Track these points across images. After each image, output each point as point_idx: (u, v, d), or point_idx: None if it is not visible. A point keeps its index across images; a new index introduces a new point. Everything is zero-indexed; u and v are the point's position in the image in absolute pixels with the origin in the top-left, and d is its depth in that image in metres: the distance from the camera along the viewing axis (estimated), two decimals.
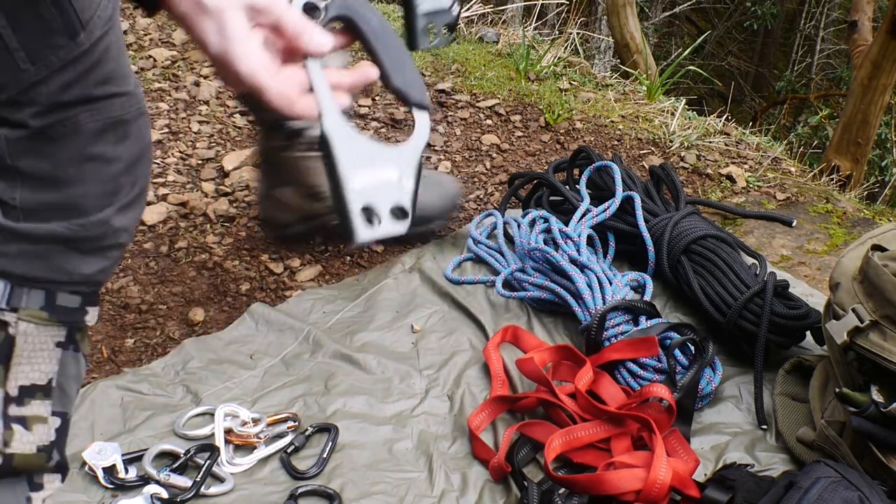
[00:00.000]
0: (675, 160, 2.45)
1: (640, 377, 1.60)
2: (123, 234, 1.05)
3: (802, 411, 1.56)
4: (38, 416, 1.04)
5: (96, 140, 0.99)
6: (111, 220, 1.02)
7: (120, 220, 1.03)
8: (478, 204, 2.26)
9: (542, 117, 2.61)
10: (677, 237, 1.83)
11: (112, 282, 1.93)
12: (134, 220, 1.07)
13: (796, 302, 1.69)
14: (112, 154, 1.00)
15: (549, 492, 1.38)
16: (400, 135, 2.53)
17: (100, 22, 0.97)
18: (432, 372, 1.69)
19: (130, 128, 1.02)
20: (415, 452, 1.53)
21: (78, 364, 1.06)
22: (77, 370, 1.06)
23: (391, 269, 1.96)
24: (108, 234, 1.02)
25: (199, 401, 1.61)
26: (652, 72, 4.70)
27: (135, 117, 1.03)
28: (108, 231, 1.02)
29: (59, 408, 1.05)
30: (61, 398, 1.05)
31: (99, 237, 1.02)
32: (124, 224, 1.04)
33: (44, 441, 1.04)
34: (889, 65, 4.37)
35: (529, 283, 1.84)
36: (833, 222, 2.20)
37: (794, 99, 8.87)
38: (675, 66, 3.26)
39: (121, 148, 1.01)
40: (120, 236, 1.04)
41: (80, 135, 0.97)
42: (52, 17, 0.92)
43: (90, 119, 0.98)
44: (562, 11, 5.91)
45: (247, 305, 1.87)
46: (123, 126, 1.01)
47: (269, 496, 1.43)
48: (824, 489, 1.24)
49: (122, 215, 1.04)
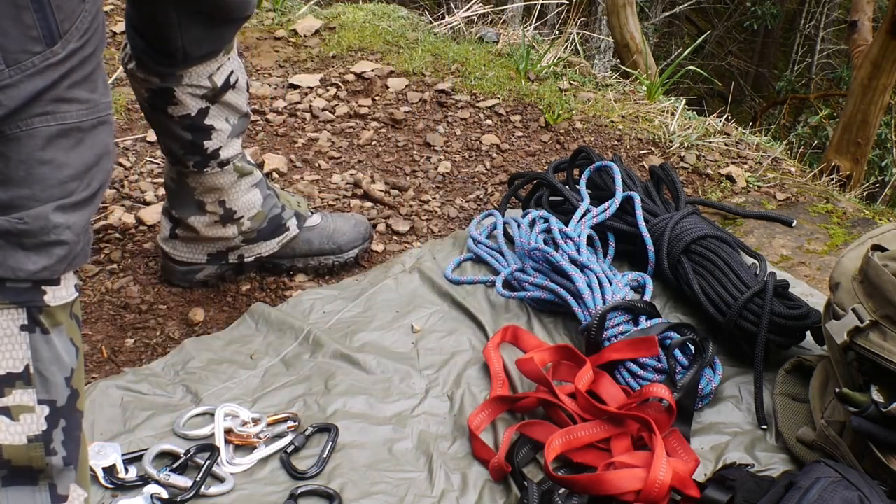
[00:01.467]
0: (675, 160, 2.45)
1: (640, 377, 1.60)
2: (66, 231, 1.04)
3: (802, 411, 1.56)
4: (22, 406, 1.04)
5: (49, 145, 0.99)
6: (50, 215, 1.01)
7: (61, 217, 1.03)
8: (478, 204, 2.26)
9: (542, 117, 2.61)
10: (677, 237, 1.83)
11: (112, 282, 1.93)
12: (82, 220, 1.06)
13: (796, 302, 1.69)
14: (64, 160, 1.01)
15: (549, 492, 1.38)
16: (399, 134, 2.53)
17: (77, 33, 0.98)
18: (432, 372, 1.69)
19: (86, 135, 1.03)
20: (415, 452, 1.53)
21: (52, 348, 1.05)
22: (52, 354, 1.05)
23: (391, 269, 1.96)
24: (48, 228, 1.02)
25: (199, 401, 1.61)
26: (652, 72, 4.70)
27: (93, 125, 1.03)
28: (48, 226, 1.01)
29: (45, 395, 1.05)
30: (45, 385, 1.05)
31: (38, 232, 1.01)
32: (67, 221, 1.03)
33: (34, 431, 1.04)
34: (889, 65, 4.36)
35: (529, 283, 1.84)
36: (833, 222, 2.20)
37: (794, 99, 8.87)
38: (675, 66, 3.26)
39: (73, 154, 1.02)
40: (62, 233, 1.03)
41: (35, 138, 0.98)
42: (33, 23, 0.94)
43: (46, 123, 0.98)
44: (562, 11, 5.91)
45: (247, 305, 1.87)
46: (79, 133, 1.02)
47: (269, 496, 1.43)
48: (824, 489, 1.24)
49: (65, 213, 1.03)
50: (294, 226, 1.91)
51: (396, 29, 3.10)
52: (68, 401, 1.08)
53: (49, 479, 1.08)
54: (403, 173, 2.37)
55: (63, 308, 1.07)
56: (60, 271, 1.05)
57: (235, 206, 1.82)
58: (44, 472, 1.07)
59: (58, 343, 1.06)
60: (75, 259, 1.07)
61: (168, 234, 1.87)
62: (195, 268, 1.89)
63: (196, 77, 1.67)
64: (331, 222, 1.96)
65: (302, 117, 2.59)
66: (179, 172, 1.79)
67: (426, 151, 2.46)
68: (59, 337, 1.06)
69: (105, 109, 1.05)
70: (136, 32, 1.64)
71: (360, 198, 2.26)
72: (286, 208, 1.90)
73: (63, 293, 1.06)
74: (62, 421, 1.08)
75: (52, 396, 1.06)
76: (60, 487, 1.09)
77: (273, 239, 1.89)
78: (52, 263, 1.03)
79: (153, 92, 1.68)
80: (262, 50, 2.96)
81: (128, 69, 1.69)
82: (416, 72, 2.81)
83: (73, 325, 1.09)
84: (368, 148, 2.48)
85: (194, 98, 1.69)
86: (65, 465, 1.08)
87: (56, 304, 1.06)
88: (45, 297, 1.04)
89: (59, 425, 1.07)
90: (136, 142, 2.44)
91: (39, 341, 1.04)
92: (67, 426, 1.08)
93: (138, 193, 2.22)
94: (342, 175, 2.35)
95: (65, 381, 1.07)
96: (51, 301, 1.05)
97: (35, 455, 1.05)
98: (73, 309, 1.10)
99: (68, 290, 1.08)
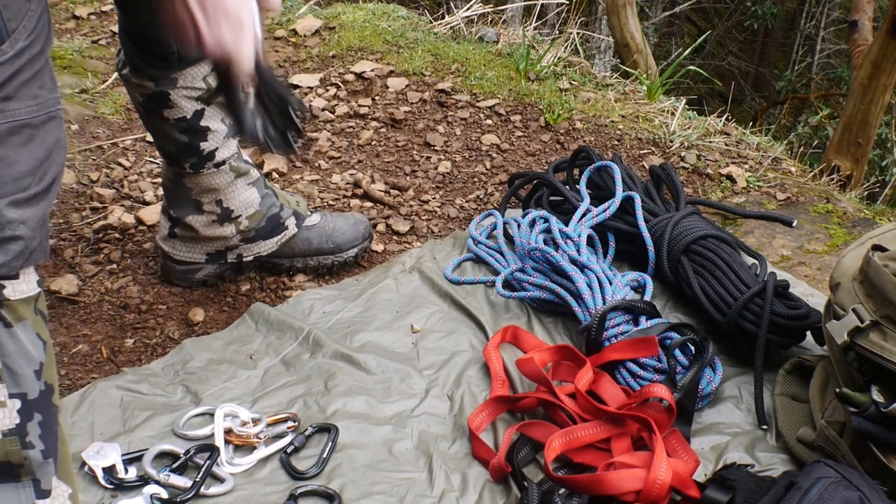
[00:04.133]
0: (675, 160, 2.45)
1: (640, 377, 1.59)
2: (20, 226, 1.03)
3: (802, 411, 1.56)
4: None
5: (0, 143, 0.99)
6: (3, 210, 1.01)
7: (14, 212, 1.02)
8: (478, 204, 2.26)
9: (542, 117, 2.61)
10: (677, 237, 1.82)
11: (112, 282, 1.93)
12: (37, 214, 1.05)
13: (796, 302, 1.69)
14: (15, 157, 1.01)
15: (549, 492, 1.38)
16: (399, 134, 2.53)
17: (24, 32, 0.99)
18: (432, 372, 1.69)
19: (37, 132, 1.02)
20: (415, 452, 1.53)
21: (17, 341, 1.05)
22: (18, 347, 1.05)
23: (391, 270, 1.96)
24: (2, 224, 1.01)
25: (199, 401, 1.61)
26: (652, 72, 4.70)
27: (43, 121, 1.03)
28: (2, 222, 1.01)
29: (15, 389, 1.05)
30: (13, 378, 1.04)
31: None
32: (21, 216, 1.03)
33: (7, 425, 1.04)
34: (889, 65, 4.37)
35: (529, 283, 1.84)
36: (833, 222, 2.20)
37: (795, 99, 8.86)
38: (676, 65, 3.26)
39: (24, 151, 1.01)
40: (16, 228, 1.02)
41: None
42: None
43: None
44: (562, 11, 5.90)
45: (246, 305, 1.87)
46: (30, 130, 1.02)
47: (269, 496, 1.43)
48: (824, 489, 1.23)
49: (19, 208, 1.02)
50: (293, 225, 1.91)
51: (396, 29, 3.10)
52: (41, 395, 1.08)
53: (31, 474, 1.08)
54: (403, 173, 2.37)
55: (25, 302, 1.06)
56: (18, 267, 1.04)
57: (232, 206, 1.82)
58: (24, 467, 1.07)
59: (23, 337, 1.06)
60: (32, 254, 1.06)
61: (167, 233, 1.87)
62: (194, 267, 1.89)
63: (191, 79, 1.67)
64: (330, 222, 1.96)
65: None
66: (176, 173, 1.79)
67: (426, 151, 2.46)
68: (23, 331, 1.06)
69: (54, 105, 1.05)
70: (128, 38, 1.64)
71: (360, 198, 2.26)
72: (285, 207, 1.90)
73: (23, 287, 1.06)
74: (37, 415, 1.07)
75: (23, 389, 1.06)
76: (44, 482, 1.09)
77: (272, 238, 1.89)
78: (9, 259, 1.03)
79: (148, 96, 1.69)
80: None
81: (122, 74, 1.69)
82: (416, 72, 2.81)
83: (39, 321, 1.09)
84: (368, 148, 2.48)
85: (189, 100, 1.69)
86: (44, 458, 1.08)
87: (16, 297, 1.05)
88: (4, 290, 1.04)
89: (33, 419, 1.07)
90: (135, 142, 2.44)
91: (3, 335, 1.04)
92: (44, 420, 1.08)
93: (138, 193, 2.22)
94: (342, 175, 2.35)
95: (34, 373, 1.07)
96: (10, 295, 1.04)
97: (11, 449, 1.05)
98: (38, 305, 1.10)
99: (29, 285, 1.07)
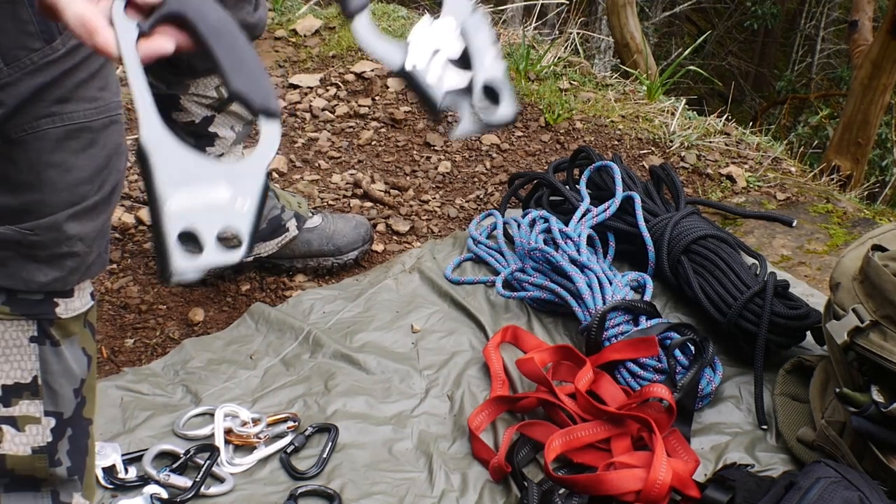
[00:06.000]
0: (675, 160, 2.45)
1: (640, 377, 1.59)
2: (78, 242, 1.01)
3: (802, 411, 1.56)
4: (28, 417, 1.03)
5: (58, 147, 0.96)
6: (63, 226, 0.98)
7: (74, 227, 0.99)
8: (478, 204, 2.26)
9: (542, 117, 2.61)
10: (677, 237, 1.82)
11: (112, 282, 1.93)
12: (96, 228, 1.03)
13: (796, 302, 1.69)
14: (73, 162, 0.98)
15: (549, 492, 1.38)
16: (399, 134, 2.53)
17: None
18: (432, 372, 1.69)
19: (97, 136, 0.99)
20: (415, 452, 1.53)
21: (61, 360, 1.04)
22: (62, 367, 1.04)
23: (391, 270, 1.96)
24: (61, 240, 0.99)
25: (199, 401, 1.61)
26: (652, 71, 4.70)
27: (104, 125, 1.00)
28: (61, 237, 0.99)
29: (52, 407, 1.04)
30: (52, 397, 1.03)
31: (49, 243, 0.98)
32: (80, 232, 1.00)
33: (38, 442, 1.04)
34: (889, 65, 4.36)
35: (529, 283, 1.84)
36: (833, 222, 2.20)
37: (795, 99, 8.86)
38: (676, 65, 3.26)
39: (83, 157, 0.98)
40: (74, 245, 1.00)
41: (42, 140, 0.95)
42: (30, 18, 0.91)
43: (53, 125, 0.95)
44: (562, 11, 5.90)
45: (246, 305, 1.87)
46: (89, 134, 0.98)
47: (269, 496, 1.43)
48: (824, 489, 1.23)
49: (79, 222, 1.00)
50: (293, 227, 1.91)
51: (396, 29, 3.10)
52: (75, 410, 1.07)
53: (52, 486, 1.07)
54: (403, 173, 2.37)
55: (76, 319, 1.05)
56: (73, 282, 1.03)
57: None
58: (47, 480, 1.06)
59: (68, 354, 1.04)
60: (89, 269, 1.04)
61: None
62: None
63: (203, 87, 1.66)
64: (331, 224, 1.96)
65: (302, 117, 2.59)
66: None
67: (426, 151, 2.46)
68: (70, 348, 1.04)
69: (115, 108, 1.02)
70: None
71: (360, 198, 2.26)
72: (286, 209, 1.90)
73: (76, 304, 1.04)
74: (68, 430, 1.07)
75: (59, 409, 1.05)
76: (63, 495, 1.08)
77: (272, 240, 1.89)
78: (64, 275, 1.01)
79: (158, 97, 1.68)
80: (262, 50, 2.96)
81: None
82: None
83: (87, 334, 1.07)
84: (368, 148, 2.48)
85: (200, 106, 1.68)
86: (69, 475, 1.07)
87: (68, 315, 1.03)
88: (57, 309, 1.02)
89: (64, 436, 1.07)
90: (135, 141, 2.44)
91: (49, 353, 1.03)
92: (73, 435, 1.07)
93: (138, 193, 2.22)
94: (342, 175, 2.35)
95: (73, 392, 1.06)
96: (62, 313, 1.03)
97: (39, 466, 1.05)
98: (88, 317, 1.08)
99: (82, 301, 1.05)
